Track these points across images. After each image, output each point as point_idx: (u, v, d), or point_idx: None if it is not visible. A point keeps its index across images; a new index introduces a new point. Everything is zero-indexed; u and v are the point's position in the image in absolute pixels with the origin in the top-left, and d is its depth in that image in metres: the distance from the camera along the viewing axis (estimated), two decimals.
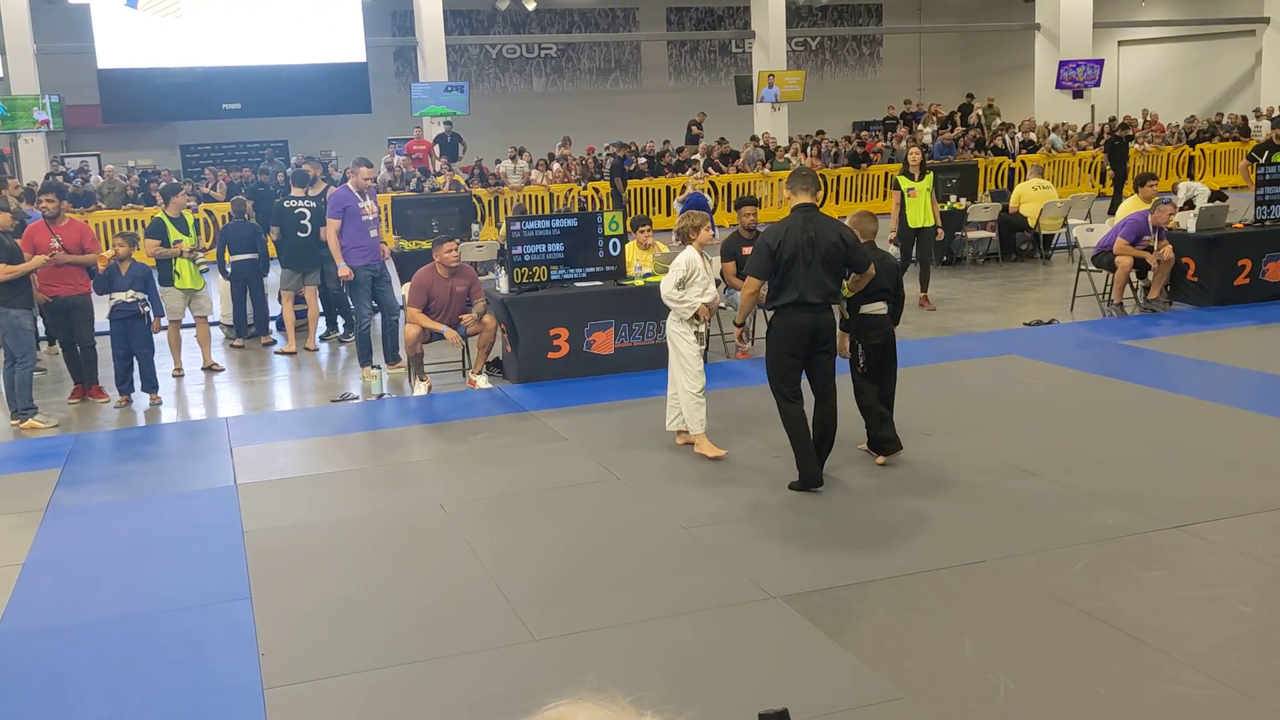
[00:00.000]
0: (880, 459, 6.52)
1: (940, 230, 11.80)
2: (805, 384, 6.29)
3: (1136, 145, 22.67)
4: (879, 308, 6.54)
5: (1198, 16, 29.06)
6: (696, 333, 6.94)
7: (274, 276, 11.93)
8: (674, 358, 7.00)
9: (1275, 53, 27.22)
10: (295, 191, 11.22)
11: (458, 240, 9.16)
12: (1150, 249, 10.56)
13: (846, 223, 6.67)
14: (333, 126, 23.72)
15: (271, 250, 11.33)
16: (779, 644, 4.46)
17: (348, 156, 22.75)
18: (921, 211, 11.44)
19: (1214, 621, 4.43)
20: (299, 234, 10.81)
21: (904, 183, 12.04)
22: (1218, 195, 12.52)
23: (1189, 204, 11.91)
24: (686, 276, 6.85)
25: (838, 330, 6.43)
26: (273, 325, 11.75)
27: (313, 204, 10.89)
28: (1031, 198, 14.53)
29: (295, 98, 20.25)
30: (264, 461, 7.28)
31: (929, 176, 11.82)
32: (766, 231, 6.30)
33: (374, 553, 5.63)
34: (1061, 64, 25.24)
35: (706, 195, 19.38)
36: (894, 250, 11.08)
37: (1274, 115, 23.04)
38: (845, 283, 6.35)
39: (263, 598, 5.07)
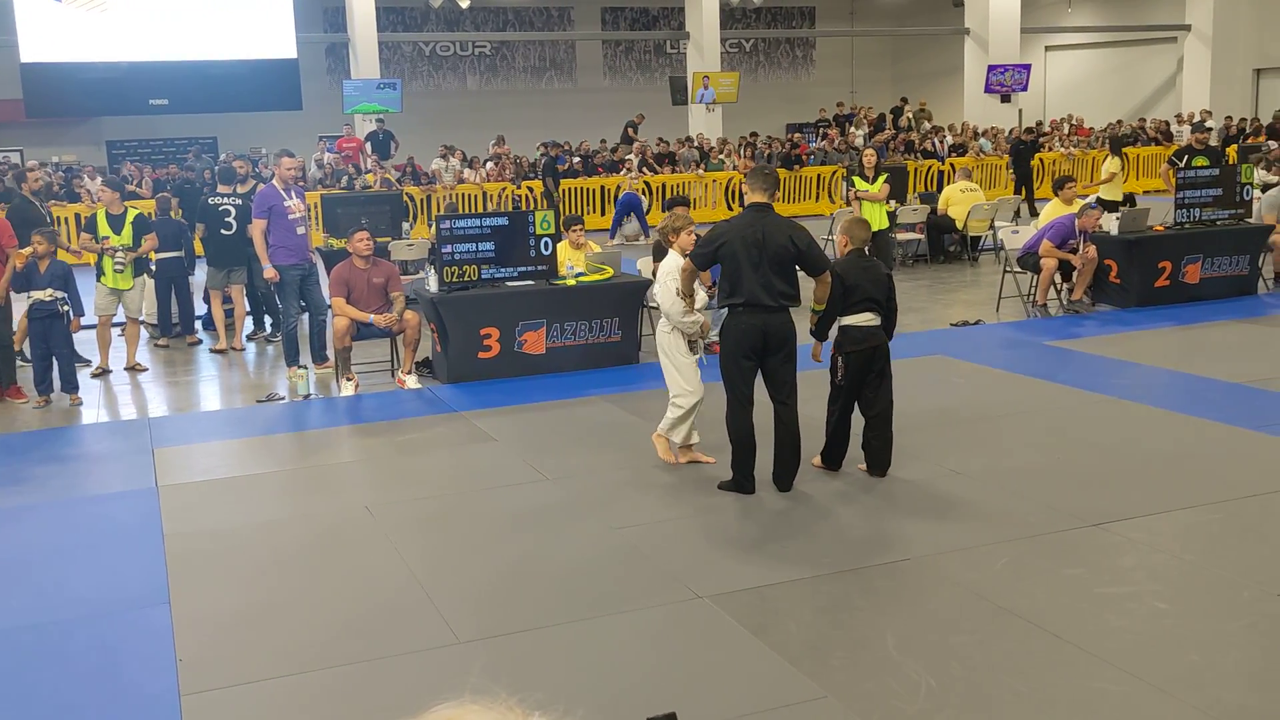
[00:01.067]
0: (816, 460, 6.42)
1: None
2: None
3: (1063, 149, 23.09)
4: (865, 319, 6.18)
5: (1122, 23, 29.66)
6: (691, 342, 6.50)
7: (200, 275, 11.74)
8: (671, 369, 6.53)
9: (1196, 60, 27.86)
10: (221, 188, 11.05)
11: (369, 231, 9.05)
12: (1075, 251, 10.75)
13: (839, 229, 6.59)
14: (263, 123, 23.36)
15: (199, 248, 11.15)
16: (705, 644, 4.46)
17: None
18: (877, 214, 11.46)
19: (1130, 618, 4.51)
20: (223, 231, 10.64)
21: (859, 184, 12.12)
22: (1128, 199, 12.76)
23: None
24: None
25: (823, 344, 6.28)
26: (199, 324, 11.55)
27: (239, 201, 10.73)
28: (959, 200, 14.73)
29: (224, 94, 19.91)
30: (186, 463, 7.15)
31: (882, 178, 11.88)
32: (715, 226, 6.23)
33: (298, 556, 5.55)
34: (990, 68, 25.62)
35: (641, 195, 19.42)
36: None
37: (1194, 121, 23.57)
38: (813, 295, 6.17)
39: (182, 603, 4.97)
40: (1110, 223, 11.32)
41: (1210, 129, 21.67)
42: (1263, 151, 18.32)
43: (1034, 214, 16.23)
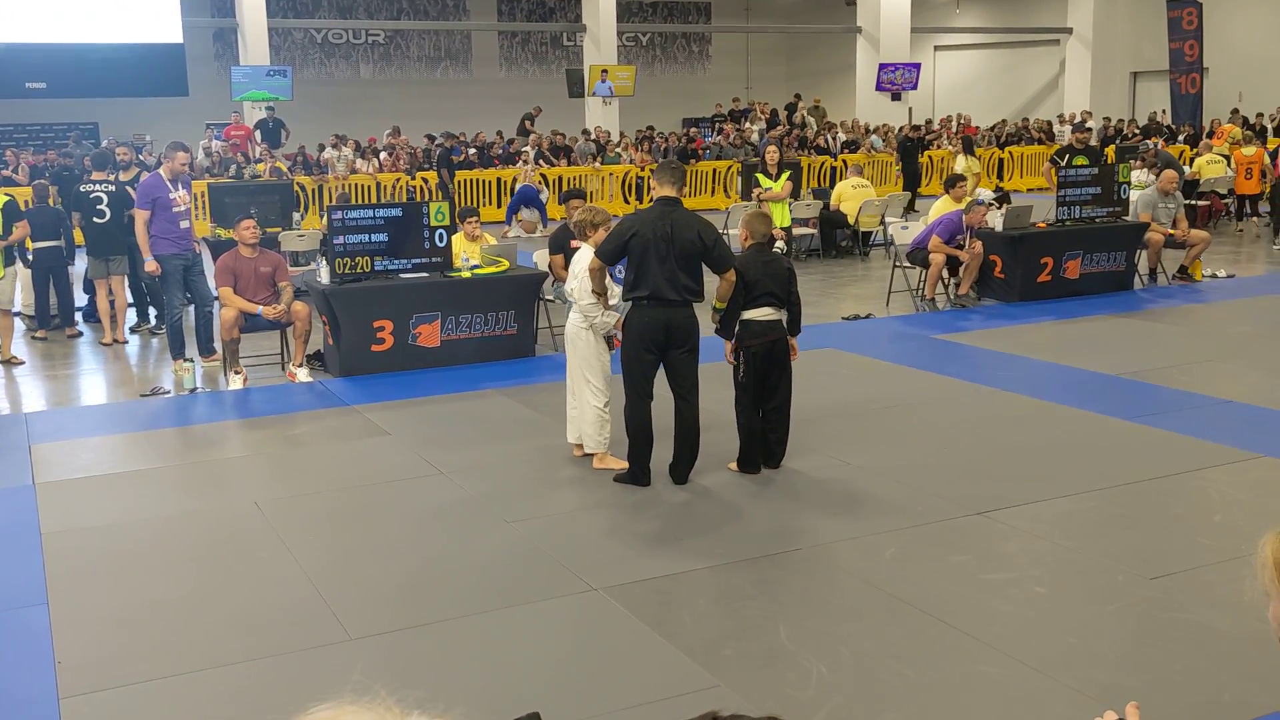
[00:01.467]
0: (732, 465, 6.38)
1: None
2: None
3: (951, 147, 23.63)
4: (765, 313, 6.18)
5: (1007, 25, 30.46)
6: (607, 337, 6.35)
7: (81, 265, 11.38)
8: (576, 366, 6.37)
9: (1077, 62, 28.76)
10: (95, 175, 10.71)
11: (256, 220, 8.88)
12: (962, 247, 11.02)
13: (740, 223, 6.57)
14: (147, 109, 22.70)
15: (79, 238, 10.79)
16: (600, 636, 4.48)
17: (163, 140, 21.80)
18: (779, 211, 11.48)
19: (1012, 603, 4.65)
20: (96, 220, 10.31)
21: (763, 181, 12.17)
22: (1002, 198, 13.12)
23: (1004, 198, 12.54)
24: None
25: (729, 342, 6.26)
26: (79, 316, 11.19)
27: (112, 188, 10.40)
28: (851, 196, 14.98)
29: (106, 78, 19.32)
30: (66, 459, 6.92)
31: (784, 176, 11.94)
32: (624, 219, 6.13)
33: (184, 554, 5.41)
34: (881, 67, 26.10)
35: (539, 187, 19.33)
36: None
37: (1075, 121, 24.31)
38: (717, 293, 6.16)
39: (61, 603, 4.81)
40: (994, 219, 11.62)
41: (1090, 129, 22.38)
42: (1140, 151, 18.96)
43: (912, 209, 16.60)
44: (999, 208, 11.85)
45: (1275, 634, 1.36)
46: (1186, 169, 17.10)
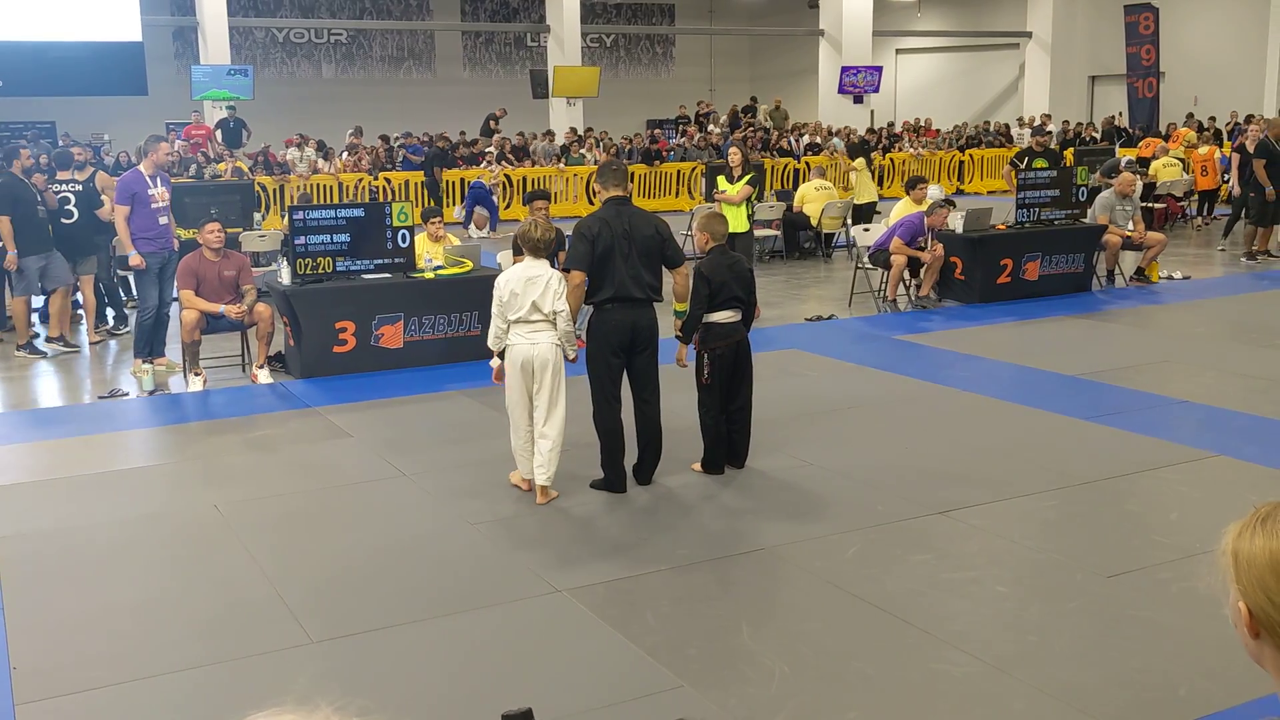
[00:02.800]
0: (696, 466, 6.37)
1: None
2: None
3: (912, 150, 23.81)
4: (728, 315, 6.19)
5: (968, 29, 30.73)
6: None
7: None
8: (563, 389, 5.93)
9: (1036, 65, 29.06)
10: (60, 175, 10.58)
11: (220, 222, 8.81)
12: (923, 249, 11.11)
13: (695, 224, 6.54)
14: (105, 108, 22.42)
15: None
16: (562, 638, 4.48)
17: (122, 140, 21.63)
18: (734, 214, 11.34)
19: (973, 601, 4.69)
20: (63, 220, 10.20)
21: (721, 184, 12.07)
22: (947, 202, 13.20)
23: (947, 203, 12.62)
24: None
25: (689, 346, 6.23)
26: (35, 317, 11.04)
27: (79, 188, 10.30)
28: (814, 198, 15.05)
29: (63, 77, 19.02)
30: (20, 462, 6.84)
31: (744, 179, 11.84)
32: (582, 223, 6.01)
33: (141, 558, 5.36)
34: (843, 69, 26.25)
35: (492, 187, 19.26)
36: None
37: (1035, 124, 24.55)
38: (674, 293, 6.14)
39: (14, 608, 4.75)
40: (955, 221, 11.72)
41: (1050, 132, 22.62)
42: (1112, 162, 18.62)
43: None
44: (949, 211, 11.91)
45: (1233, 624, 1.38)
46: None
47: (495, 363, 6.10)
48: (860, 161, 16.55)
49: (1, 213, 9.47)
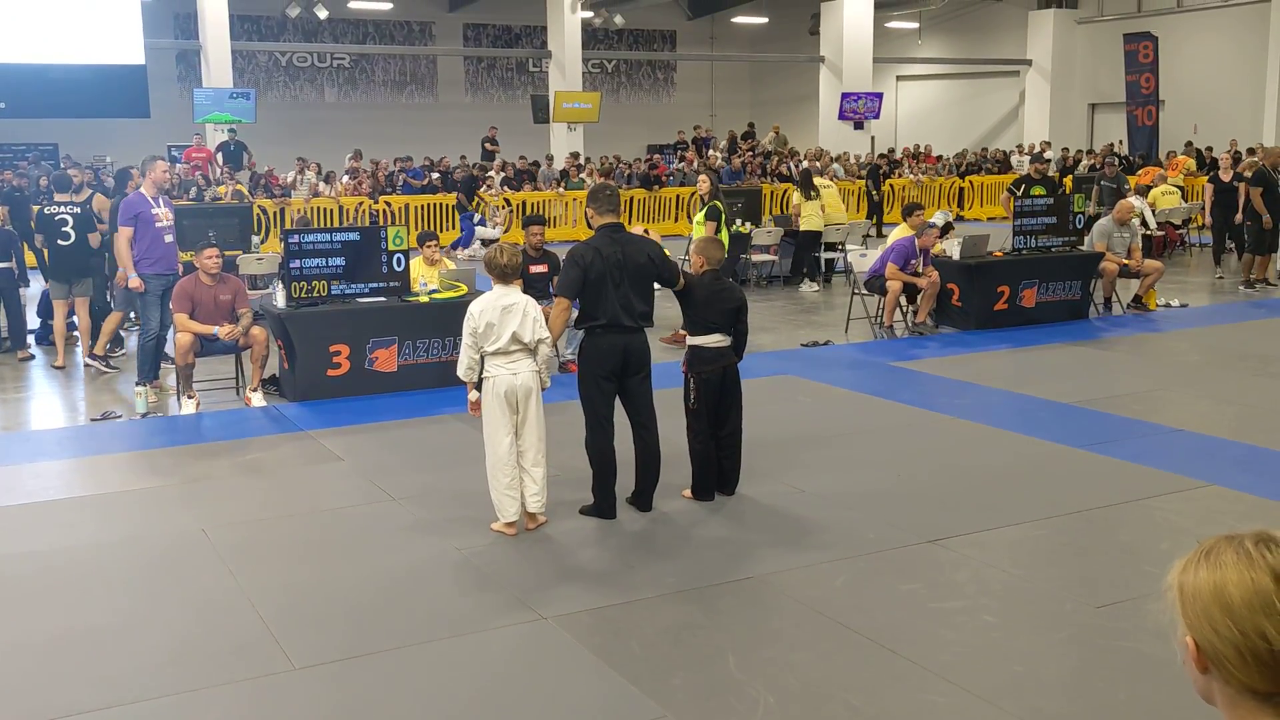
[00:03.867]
0: (686, 493, 6.33)
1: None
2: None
3: (912, 176, 23.86)
4: (716, 340, 6.20)
5: (969, 56, 30.85)
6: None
7: (36, 287, 11.26)
8: (541, 417, 5.86)
9: (1036, 92, 29.19)
10: (58, 197, 10.60)
11: (219, 247, 8.82)
12: (917, 273, 11.11)
13: (693, 248, 6.55)
14: (107, 131, 22.57)
15: (30, 259, 10.68)
16: (547, 666, 4.44)
17: (123, 161, 21.69)
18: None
19: (962, 631, 4.65)
20: (60, 241, 10.21)
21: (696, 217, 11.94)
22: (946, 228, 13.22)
23: (947, 227, 12.63)
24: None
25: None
26: (31, 339, 11.06)
27: (76, 209, 10.31)
28: (811, 212, 15.01)
29: (66, 99, 19.11)
30: (11, 484, 6.81)
31: (703, 212, 11.50)
32: (575, 250, 5.99)
33: (126, 581, 5.33)
34: (844, 96, 26.35)
35: (497, 208, 19.30)
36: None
37: (1034, 152, 24.61)
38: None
39: None
40: (952, 247, 11.72)
41: (1049, 160, 22.67)
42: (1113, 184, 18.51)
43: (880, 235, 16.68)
44: (939, 233, 11.90)
45: (1182, 662, 1.37)
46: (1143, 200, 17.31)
47: (474, 396, 5.90)
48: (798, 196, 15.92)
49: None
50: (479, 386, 5.82)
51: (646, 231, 7.83)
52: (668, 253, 6.48)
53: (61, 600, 5.08)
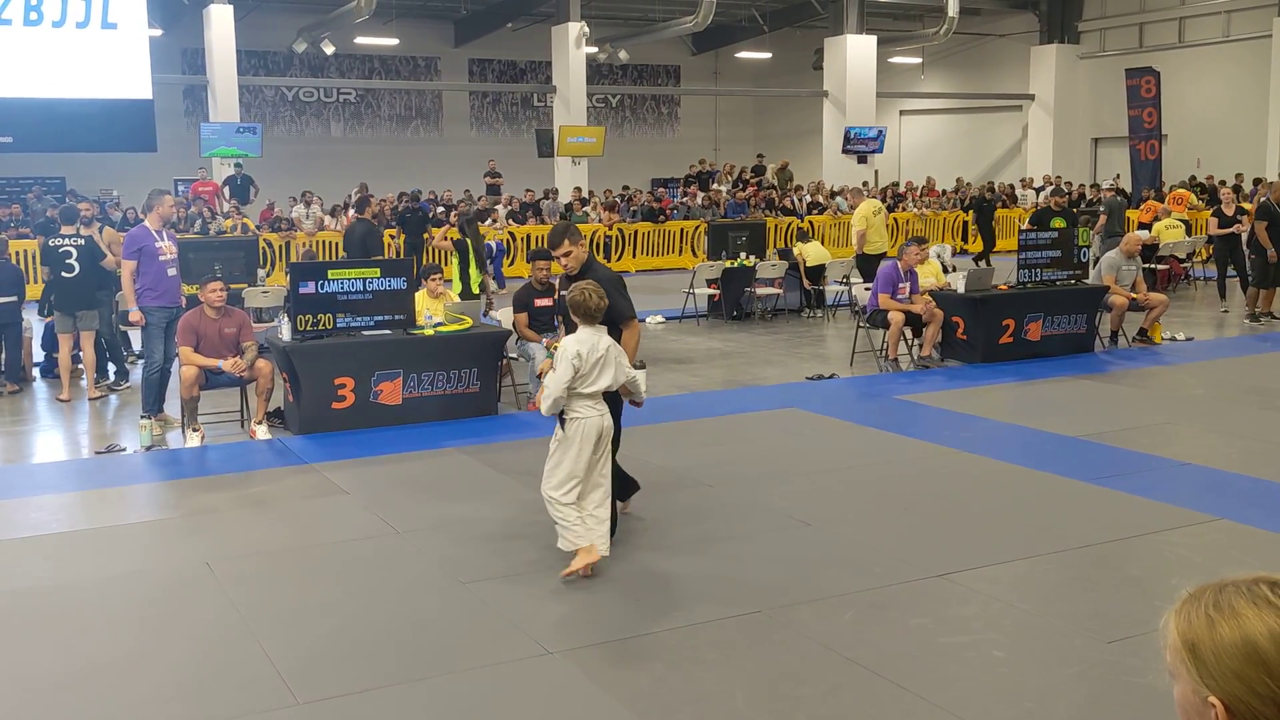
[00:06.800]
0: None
1: None
2: None
3: (915, 210, 23.93)
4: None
5: (972, 90, 31.01)
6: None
7: (38, 320, 11.27)
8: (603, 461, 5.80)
9: (1039, 127, 29.30)
10: (64, 229, 10.65)
11: (223, 280, 8.85)
12: (909, 297, 11.11)
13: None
14: (114, 164, 22.68)
15: (31, 292, 10.72)
16: (554, 700, 4.40)
17: (130, 196, 21.79)
18: None
19: (970, 666, 4.61)
20: (65, 274, 10.24)
21: None
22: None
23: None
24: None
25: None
26: (37, 372, 11.07)
27: (81, 242, 10.35)
28: (818, 256, 15.08)
29: (73, 133, 19.15)
30: (14, 518, 6.79)
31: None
32: (611, 278, 6.15)
33: (128, 615, 5.30)
34: (847, 130, 26.46)
35: (503, 244, 19.33)
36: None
37: (1052, 185, 24.66)
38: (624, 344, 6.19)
39: None
40: (958, 281, 11.72)
41: (1067, 193, 22.73)
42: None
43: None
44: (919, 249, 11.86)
45: (1180, 716, 1.30)
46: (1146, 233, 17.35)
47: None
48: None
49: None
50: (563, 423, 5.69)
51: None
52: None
53: (64, 635, 5.05)
